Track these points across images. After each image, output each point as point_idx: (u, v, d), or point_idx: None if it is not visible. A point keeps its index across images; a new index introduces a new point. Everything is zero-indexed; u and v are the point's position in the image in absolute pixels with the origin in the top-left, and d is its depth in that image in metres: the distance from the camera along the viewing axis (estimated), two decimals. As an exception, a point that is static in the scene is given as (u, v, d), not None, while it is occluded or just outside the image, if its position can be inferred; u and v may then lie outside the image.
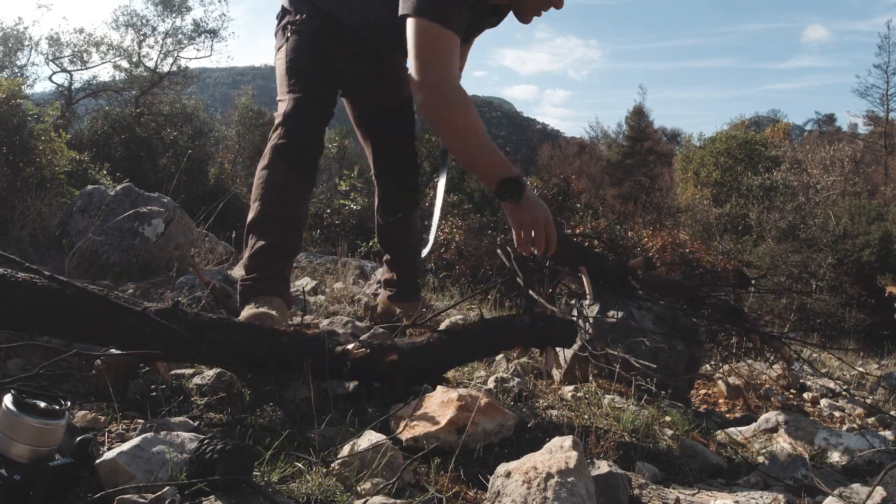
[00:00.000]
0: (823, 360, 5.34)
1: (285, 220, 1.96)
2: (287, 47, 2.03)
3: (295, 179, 1.96)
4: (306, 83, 1.99)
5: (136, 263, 3.13)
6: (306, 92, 1.98)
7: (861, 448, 1.68)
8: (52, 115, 5.29)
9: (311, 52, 2.01)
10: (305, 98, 1.97)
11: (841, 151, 20.33)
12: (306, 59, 2.01)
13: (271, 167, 1.95)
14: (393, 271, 2.42)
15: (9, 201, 3.78)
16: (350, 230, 9.65)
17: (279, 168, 1.94)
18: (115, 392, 1.43)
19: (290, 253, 2.00)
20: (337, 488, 1.08)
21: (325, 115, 2.04)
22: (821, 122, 43.11)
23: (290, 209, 1.97)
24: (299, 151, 1.96)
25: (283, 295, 1.91)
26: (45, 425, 0.96)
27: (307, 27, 2.02)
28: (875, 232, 13.81)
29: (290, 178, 1.95)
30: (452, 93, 1.65)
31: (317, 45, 2.01)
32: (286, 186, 1.95)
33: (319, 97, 2.01)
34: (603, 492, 1.17)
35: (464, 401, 1.35)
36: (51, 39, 15.70)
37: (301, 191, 1.99)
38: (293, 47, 2.01)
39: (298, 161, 1.96)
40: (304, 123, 1.96)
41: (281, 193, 1.94)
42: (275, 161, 1.94)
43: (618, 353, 2.14)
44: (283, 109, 1.97)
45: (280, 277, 1.94)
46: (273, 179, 1.94)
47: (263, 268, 1.91)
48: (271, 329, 1.50)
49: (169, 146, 15.21)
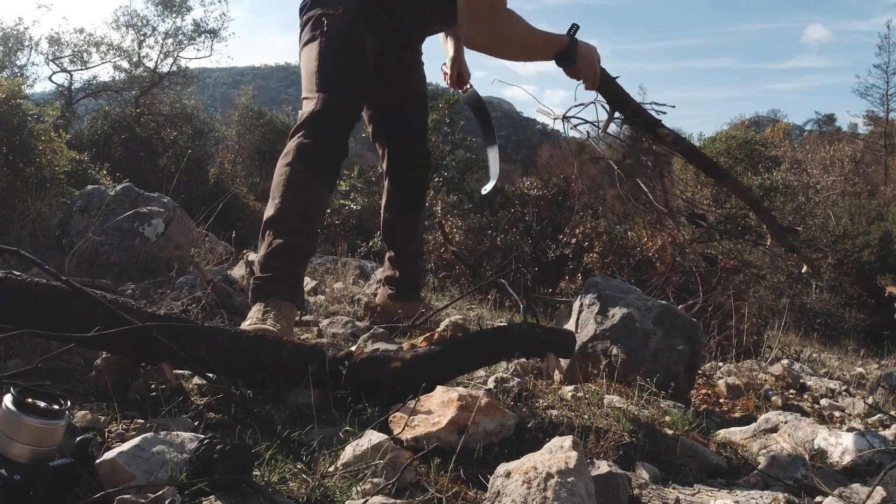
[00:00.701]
0: (823, 361, 5.34)
1: (304, 219, 1.92)
2: (320, 44, 1.98)
3: (317, 180, 1.92)
4: (336, 84, 1.95)
5: (136, 263, 3.13)
6: (336, 93, 1.93)
7: (861, 448, 1.68)
8: (52, 115, 5.29)
9: (345, 53, 1.97)
10: (334, 99, 1.92)
11: (841, 151, 20.34)
12: (339, 59, 1.96)
13: (294, 165, 1.90)
14: (395, 268, 2.42)
15: (9, 201, 3.77)
16: (350, 230, 9.65)
17: (301, 167, 1.90)
18: (115, 392, 1.43)
19: (306, 254, 1.97)
20: (337, 488, 1.08)
21: (352, 118, 2.00)
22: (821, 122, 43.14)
23: (309, 209, 1.93)
24: (324, 152, 1.92)
25: (294, 298, 1.87)
26: (45, 425, 0.96)
27: (343, 21, 1.97)
28: (875, 232, 13.82)
29: (311, 179, 1.91)
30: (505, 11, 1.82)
31: (351, 43, 1.97)
32: (308, 186, 1.90)
33: (349, 99, 1.98)
34: (603, 492, 1.17)
35: (464, 401, 1.35)
36: (51, 39, 15.73)
37: (321, 193, 1.96)
38: (327, 45, 1.97)
39: (322, 162, 1.92)
40: (330, 125, 1.92)
41: (301, 193, 1.90)
42: (298, 159, 1.90)
43: (618, 353, 2.14)
44: (309, 108, 1.92)
45: (293, 279, 1.90)
46: (295, 178, 1.89)
47: (278, 268, 1.87)
48: (275, 339, 1.50)
49: (169, 146, 15.21)
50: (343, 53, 1.97)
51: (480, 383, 1.89)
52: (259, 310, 1.79)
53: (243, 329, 1.58)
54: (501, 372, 2.05)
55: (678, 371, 2.18)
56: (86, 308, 1.32)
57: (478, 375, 1.97)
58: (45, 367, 1.57)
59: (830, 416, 2.52)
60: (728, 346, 4.14)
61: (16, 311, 1.31)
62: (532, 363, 2.37)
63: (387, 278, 2.46)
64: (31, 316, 1.31)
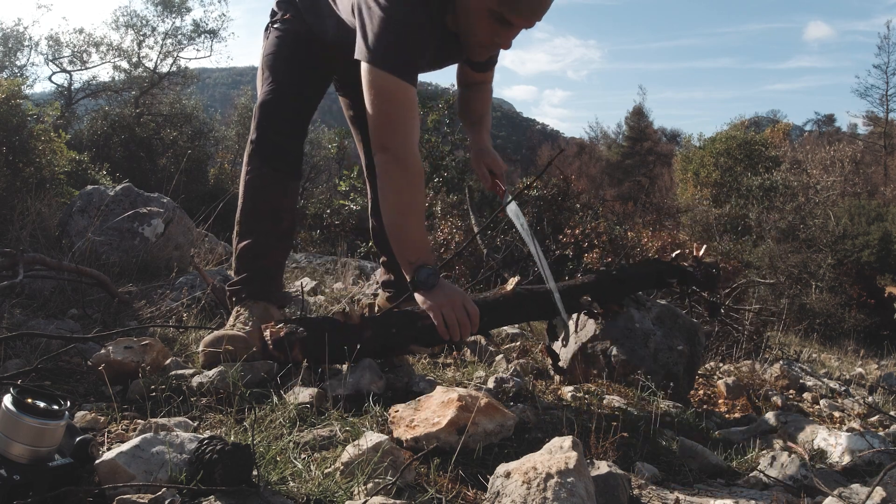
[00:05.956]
0: (823, 361, 5.35)
1: (265, 218, 1.95)
2: (267, 44, 2.03)
3: (273, 174, 1.94)
4: (280, 76, 1.97)
5: (135, 264, 3.13)
6: (279, 84, 1.95)
7: (861, 448, 1.68)
8: (52, 116, 5.30)
9: (289, 49, 2.00)
10: (278, 89, 1.94)
11: (841, 152, 20.35)
12: (284, 54, 1.99)
13: (248, 165, 1.95)
14: (391, 272, 2.42)
15: (8, 201, 3.78)
16: (350, 230, 9.66)
17: (255, 165, 1.94)
18: (115, 392, 1.43)
19: (275, 250, 1.98)
20: (337, 488, 1.08)
21: (300, 106, 2.00)
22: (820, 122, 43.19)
23: (269, 207, 1.95)
24: (273, 145, 1.94)
25: (265, 297, 1.90)
26: (45, 426, 0.96)
27: (290, 26, 2.01)
28: (875, 232, 13.83)
29: (265, 174, 1.94)
30: (413, 165, 1.62)
31: (297, 43, 2.00)
32: (262, 184, 1.94)
33: (293, 87, 1.97)
34: (602, 492, 1.17)
35: (464, 401, 1.35)
36: (50, 40, 15.71)
37: (279, 186, 1.96)
38: (273, 43, 2.01)
39: (273, 155, 1.94)
40: (276, 115, 1.94)
41: (257, 192, 1.94)
42: (252, 158, 1.95)
43: (618, 353, 2.14)
44: (257, 103, 1.96)
45: (265, 278, 1.93)
46: (250, 178, 1.94)
47: (247, 269, 1.92)
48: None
49: (168, 146, 15.21)
50: (286, 47, 1.99)
51: (480, 383, 1.89)
52: (234, 314, 1.87)
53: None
54: (501, 372, 2.05)
55: (678, 371, 2.18)
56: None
57: (478, 376, 1.97)
58: (44, 368, 1.57)
59: (830, 417, 2.52)
60: (728, 347, 4.14)
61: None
62: (532, 363, 2.37)
63: (384, 283, 2.46)
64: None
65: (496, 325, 1.88)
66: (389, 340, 1.68)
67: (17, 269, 2.26)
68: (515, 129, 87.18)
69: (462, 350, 2.33)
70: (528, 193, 8.55)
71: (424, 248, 1.65)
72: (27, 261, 2.32)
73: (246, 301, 1.88)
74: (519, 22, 1.63)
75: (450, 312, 1.59)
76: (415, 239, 1.65)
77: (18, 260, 2.28)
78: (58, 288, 2.51)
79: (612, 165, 35.44)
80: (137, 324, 2.21)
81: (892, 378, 3.87)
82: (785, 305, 8.41)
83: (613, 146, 38.04)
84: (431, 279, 1.61)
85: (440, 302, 1.60)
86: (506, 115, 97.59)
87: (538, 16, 1.62)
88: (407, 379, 1.73)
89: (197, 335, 2.05)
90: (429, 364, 2.14)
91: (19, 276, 2.21)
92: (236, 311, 1.88)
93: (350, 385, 1.59)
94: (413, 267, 1.62)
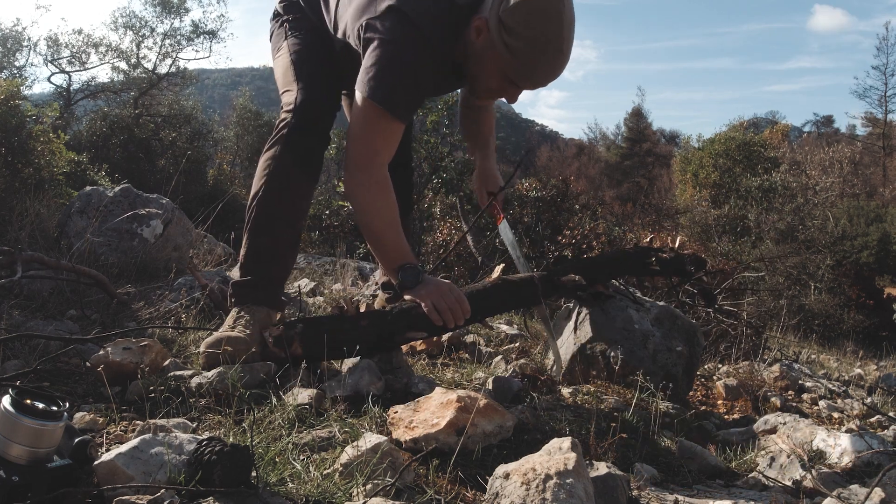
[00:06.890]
0: (822, 362, 5.35)
1: (286, 221, 1.90)
2: (290, 41, 1.99)
3: (300, 175, 1.88)
4: (313, 72, 1.93)
5: (134, 265, 3.13)
6: (315, 81, 1.91)
7: (860, 449, 1.68)
8: (51, 116, 5.30)
9: (314, 44, 1.98)
10: (315, 87, 1.89)
11: (839, 153, 20.39)
12: (312, 50, 1.97)
13: (277, 159, 1.85)
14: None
15: (7, 202, 3.77)
16: (349, 231, 9.64)
17: (286, 161, 1.85)
18: (114, 393, 1.43)
19: (287, 255, 1.96)
20: (336, 490, 1.08)
21: (333, 105, 1.97)
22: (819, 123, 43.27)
23: (292, 209, 1.91)
24: (308, 142, 1.88)
25: (270, 303, 1.88)
26: (44, 427, 0.95)
27: (305, 24, 2.00)
28: (874, 233, 13.85)
29: (294, 174, 1.87)
30: (385, 182, 1.71)
31: (318, 38, 1.99)
32: (290, 184, 1.87)
33: (327, 86, 1.95)
34: (602, 493, 1.17)
35: (463, 402, 1.35)
36: (49, 40, 15.70)
37: (304, 189, 1.92)
38: (297, 40, 1.98)
39: (306, 153, 1.88)
40: (313, 113, 1.87)
41: (283, 192, 1.87)
42: (283, 153, 1.85)
43: (616, 354, 2.14)
44: (291, 99, 1.88)
45: (271, 283, 1.90)
46: (277, 174, 1.85)
47: (257, 273, 1.88)
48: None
49: (167, 147, 15.21)
50: (311, 43, 1.98)
51: (479, 384, 1.89)
52: (233, 316, 1.84)
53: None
54: (500, 373, 2.06)
55: (677, 372, 2.18)
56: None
57: (477, 376, 1.97)
58: (43, 369, 1.57)
59: (829, 418, 2.52)
60: (727, 348, 4.14)
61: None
62: (532, 364, 2.37)
63: (383, 284, 2.46)
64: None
65: (488, 312, 1.89)
66: (386, 328, 1.69)
67: (16, 268, 2.26)
68: (514, 130, 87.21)
69: (462, 343, 2.33)
70: (527, 195, 8.55)
71: (404, 252, 1.76)
72: (25, 259, 2.32)
73: (249, 305, 1.85)
74: (528, 88, 1.74)
75: (439, 300, 1.68)
76: (395, 248, 1.76)
77: (16, 258, 2.28)
78: (56, 289, 2.50)
79: (611, 166, 35.48)
80: (136, 325, 2.20)
81: (890, 379, 3.87)
82: (784, 306, 8.41)
83: (612, 147, 38.10)
84: (415, 276, 1.72)
85: (428, 292, 1.70)
86: (504, 116, 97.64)
87: (547, 84, 1.73)
88: (406, 380, 1.73)
89: (196, 336, 2.05)
90: (428, 365, 2.14)
91: (17, 273, 2.20)
92: (236, 312, 1.84)
93: (349, 386, 1.59)
94: (396, 271, 1.73)
